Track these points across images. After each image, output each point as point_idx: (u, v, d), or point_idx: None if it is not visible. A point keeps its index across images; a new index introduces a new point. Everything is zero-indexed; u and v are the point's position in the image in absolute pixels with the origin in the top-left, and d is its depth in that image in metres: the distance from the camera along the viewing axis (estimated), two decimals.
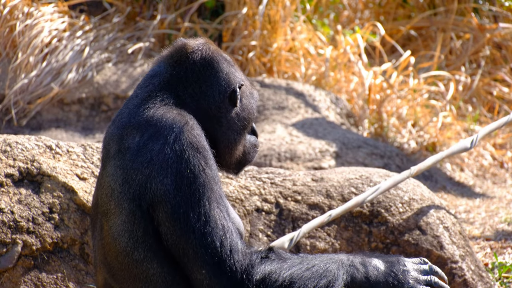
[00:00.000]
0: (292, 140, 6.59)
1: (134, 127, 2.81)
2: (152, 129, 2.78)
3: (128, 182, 2.77)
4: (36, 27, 7.06)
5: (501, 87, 8.54)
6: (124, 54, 7.49)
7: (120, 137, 2.83)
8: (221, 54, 3.01)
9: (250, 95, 3.04)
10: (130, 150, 2.78)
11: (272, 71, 7.74)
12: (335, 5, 9.11)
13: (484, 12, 9.11)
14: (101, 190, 2.86)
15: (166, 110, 2.82)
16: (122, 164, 2.79)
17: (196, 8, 7.92)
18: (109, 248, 2.84)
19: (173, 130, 2.76)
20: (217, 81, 2.96)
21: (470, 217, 5.94)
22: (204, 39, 3.03)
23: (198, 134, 2.78)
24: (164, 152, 2.74)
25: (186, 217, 2.71)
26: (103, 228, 2.86)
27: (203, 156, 2.76)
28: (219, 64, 2.98)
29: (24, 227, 3.49)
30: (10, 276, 3.47)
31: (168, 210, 2.72)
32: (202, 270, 2.70)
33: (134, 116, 2.84)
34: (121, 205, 2.78)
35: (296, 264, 2.76)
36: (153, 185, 2.74)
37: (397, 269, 2.83)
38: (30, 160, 3.59)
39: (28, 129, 6.90)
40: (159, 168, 2.73)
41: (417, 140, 7.47)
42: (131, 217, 2.77)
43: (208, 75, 2.96)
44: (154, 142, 2.75)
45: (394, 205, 3.96)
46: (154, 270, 2.78)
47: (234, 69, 3.02)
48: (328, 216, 3.76)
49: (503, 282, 4.34)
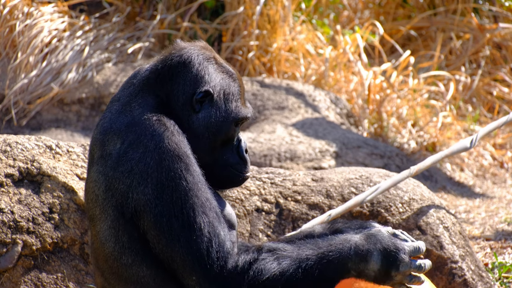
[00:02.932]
0: (292, 140, 6.59)
1: (115, 133, 2.79)
2: (132, 136, 2.75)
3: (110, 190, 2.76)
4: (36, 27, 7.06)
5: (501, 87, 8.54)
6: (124, 54, 7.49)
7: (102, 142, 2.80)
8: (208, 58, 2.91)
9: (224, 109, 2.89)
10: (112, 157, 2.76)
11: (272, 71, 7.74)
12: (335, 5, 9.11)
13: (484, 12, 9.11)
14: (88, 195, 2.86)
15: (146, 116, 2.77)
16: (103, 170, 2.77)
17: (196, 8, 7.92)
18: (98, 252, 2.84)
19: (153, 137, 2.72)
20: (184, 80, 2.87)
21: (470, 217, 5.94)
22: (203, 43, 2.96)
23: (179, 141, 2.74)
24: (144, 161, 2.71)
25: (170, 226, 2.69)
26: (92, 231, 2.87)
27: (184, 163, 2.71)
28: (192, 64, 2.88)
29: (24, 227, 3.49)
30: (10, 276, 3.47)
31: (151, 220, 2.70)
32: (192, 276, 2.69)
33: (115, 121, 2.81)
34: (105, 211, 2.78)
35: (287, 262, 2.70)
36: (134, 195, 2.72)
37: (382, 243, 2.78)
38: (30, 160, 3.59)
39: (28, 129, 6.90)
40: (139, 177, 2.71)
41: (417, 140, 7.47)
42: (115, 223, 2.76)
43: (179, 73, 2.88)
44: (134, 151, 2.73)
45: (394, 205, 3.96)
46: (144, 273, 2.78)
47: (213, 74, 2.90)
48: (328, 215, 3.76)
49: (503, 282, 4.34)
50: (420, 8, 9.24)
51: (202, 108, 2.88)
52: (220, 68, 2.94)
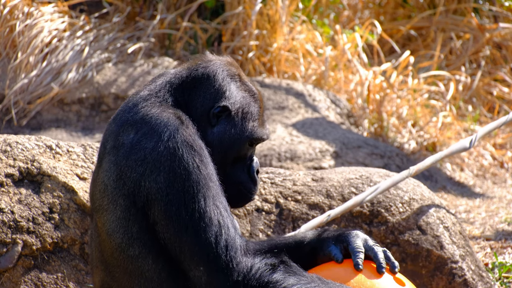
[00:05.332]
0: (292, 140, 6.59)
1: (130, 124, 2.81)
2: (146, 126, 2.77)
3: (122, 178, 2.77)
4: (36, 27, 7.06)
5: (501, 87, 8.54)
6: (124, 54, 7.49)
7: (117, 133, 2.82)
8: (233, 75, 2.94)
9: (240, 126, 2.92)
10: (124, 146, 2.78)
11: (272, 71, 7.74)
12: (335, 5, 9.11)
13: (484, 12, 9.11)
14: (95, 187, 2.86)
15: (162, 109, 2.81)
16: (115, 160, 2.79)
17: (196, 8, 7.92)
18: (104, 245, 2.84)
19: (168, 128, 2.74)
20: (205, 93, 2.91)
21: (470, 217, 5.94)
22: (230, 59, 2.98)
23: (193, 133, 2.77)
24: (157, 150, 2.73)
25: (179, 214, 2.70)
26: (97, 224, 2.86)
27: (198, 153, 2.74)
28: (217, 78, 2.91)
29: (24, 227, 3.49)
30: (10, 276, 3.47)
31: (162, 208, 2.71)
32: (200, 267, 2.69)
33: (132, 113, 2.83)
34: (115, 201, 2.78)
35: (303, 283, 2.72)
36: (146, 183, 2.73)
37: None
38: (30, 160, 3.59)
39: (28, 129, 6.90)
40: (152, 166, 2.73)
41: (417, 140, 7.47)
42: (126, 213, 2.77)
43: (201, 85, 2.91)
44: (148, 140, 2.75)
45: (394, 205, 3.96)
46: (149, 266, 2.78)
47: (236, 92, 2.92)
48: (328, 215, 3.76)
49: (503, 282, 4.34)
50: (420, 8, 9.24)
51: (218, 122, 2.91)
52: (243, 86, 2.97)
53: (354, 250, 2.87)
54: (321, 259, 2.95)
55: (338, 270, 2.86)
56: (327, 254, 2.93)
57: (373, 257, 2.87)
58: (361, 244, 2.88)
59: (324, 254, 2.94)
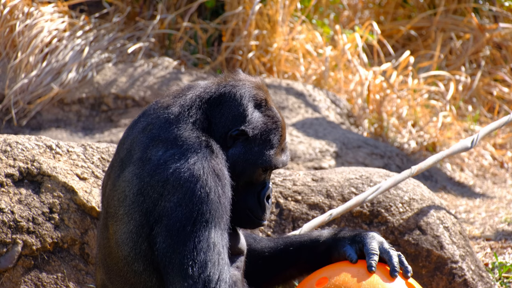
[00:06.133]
0: (292, 140, 6.59)
1: (162, 141, 2.79)
2: (177, 148, 2.76)
3: (143, 195, 2.75)
4: (36, 27, 7.06)
5: (501, 87, 8.54)
6: (124, 54, 7.49)
7: (146, 146, 2.81)
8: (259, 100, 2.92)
9: (257, 151, 2.90)
10: (151, 163, 2.76)
11: (272, 71, 7.74)
12: (335, 5, 9.11)
13: (484, 12, 9.11)
14: (114, 192, 2.83)
15: (196, 134, 2.80)
16: (140, 173, 2.77)
17: (196, 8, 7.92)
18: (110, 252, 2.83)
19: (197, 153, 2.73)
20: (228, 113, 2.89)
21: (470, 217, 5.94)
22: (260, 81, 2.96)
23: (221, 163, 2.75)
24: (180, 170, 2.71)
25: (183, 228, 2.68)
26: (108, 229, 2.84)
27: (222, 183, 2.72)
28: (242, 100, 2.89)
29: (24, 227, 3.49)
30: (10, 276, 3.47)
31: (170, 222, 2.69)
32: (184, 282, 2.65)
33: (164, 130, 2.81)
34: (131, 215, 2.76)
35: None
36: (162, 202, 2.71)
37: None
38: (30, 160, 3.59)
39: (28, 129, 6.90)
40: (171, 186, 2.71)
41: (417, 140, 7.47)
42: (139, 229, 2.75)
43: (226, 104, 2.89)
44: (175, 162, 2.73)
45: (394, 205, 3.96)
46: (152, 283, 2.77)
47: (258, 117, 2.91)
48: (329, 215, 3.76)
49: (503, 282, 4.34)
50: (420, 8, 9.24)
51: (235, 145, 2.89)
52: (268, 112, 2.94)
53: (369, 251, 2.89)
54: (335, 258, 2.98)
55: (351, 270, 2.88)
56: (341, 254, 2.96)
57: (387, 261, 2.89)
58: (377, 246, 2.91)
59: (339, 253, 2.97)
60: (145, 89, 7.11)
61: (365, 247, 2.91)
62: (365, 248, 2.90)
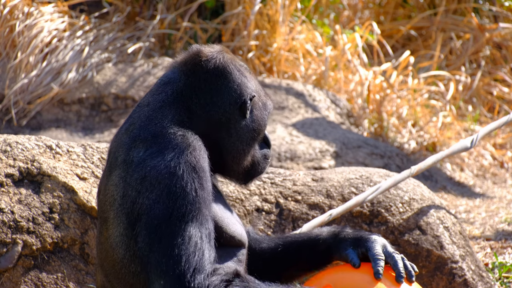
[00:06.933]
0: (292, 140, 6.59)
1: (142, 141, 2.80)
2: (155, 146, 2.76)
3: (126, 196, 2.76)
4: (36, 27, 7.06)
5: (501, 87, 8.54)
6: (124, 54, 7.49)
7: (129, 148, 2.82)
8: (235, 63, 2.98)
9: (262, 106, 3.00)
10: (133, 164, 2.77)
11: (272, 71, 7.74)
12: (335, 5, 9.11)
13: (484, 12, 9.11)
14: (105, 197, 2.85)
15: (174, 129, 2.80)
16: (124, 176, 2.78)
17: (196, 8, 7.92)
18: (106, 255, 2.83)
19: (174, 150, 2.74)
20: (228, 92, 2.93)
21: (470, 217, 5.94)
22: (219, 47, 3.00)
23: (198, 155, 2.75)
24: (157, 168, 2.71)
25: (160, 225, 2.66)
26: (103, 234, 2.85)
27: (199, 176, 2.72)
28: (232, 74, 2.94)
29: (24, 227, 3.49)
30: (10, 276, 3.47)
31: (148, 220, 2.68)
32: (161, 280, 2.63)
33: (144, 129, 2.83)
34: (119, 217, 2.77)
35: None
36: (140, 200, 2.72)
37: None
38: (30, 160, 3.59)
39: (28, 129, 6.89)
40: (149, 184, 2.71)
41: (417, 140, 7.47)
42: (127, 231, 2.75)
43: (220, 86, 2.93)
44: (152, 159, 2.74)
45: (394, 205, 3.96)
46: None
47: (247, 79, 2.98)
48: (329, 215, 3.76)
49: (503, 282, 4.34)
50: (420, 8, 9.24)
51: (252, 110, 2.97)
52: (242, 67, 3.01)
53: (374, 257, 2.88)
54: (336, 258, 2.99)
55: (356, 276, 2.87)
56: (343, 257, 2.96)
57: (392, 266, 2.88)
58: (381, 251, 2.90)
59: (341, 255, 2.97)
60: (145, 89, 7.11)
61: (369, 252, 2.90)
62: (370, 253, 2.90)
